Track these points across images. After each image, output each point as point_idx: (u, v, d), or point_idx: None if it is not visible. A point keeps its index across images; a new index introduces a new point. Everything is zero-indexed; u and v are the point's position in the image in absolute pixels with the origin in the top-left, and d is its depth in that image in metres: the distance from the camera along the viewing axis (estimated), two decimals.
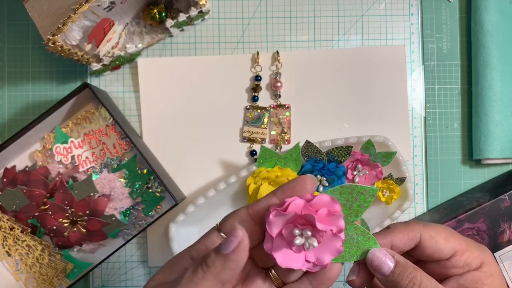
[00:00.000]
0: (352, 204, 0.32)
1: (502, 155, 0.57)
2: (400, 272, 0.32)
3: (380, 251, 0.33)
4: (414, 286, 0.32)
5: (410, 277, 0.32)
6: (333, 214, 0.31)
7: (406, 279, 0.32)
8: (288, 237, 0.30)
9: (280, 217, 0.30)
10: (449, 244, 0.34)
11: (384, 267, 0.33)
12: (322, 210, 0.30)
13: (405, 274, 0.32)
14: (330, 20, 0.60)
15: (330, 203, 0.31)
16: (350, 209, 0.32)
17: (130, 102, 0.59)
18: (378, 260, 0.33)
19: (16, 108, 0.59)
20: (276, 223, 0.30)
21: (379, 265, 0.33)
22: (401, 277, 0.32)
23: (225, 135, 0.59)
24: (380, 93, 0.60)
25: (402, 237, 0.34)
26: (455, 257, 0.34)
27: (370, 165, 0.56)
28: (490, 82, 0.57)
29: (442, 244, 0.34)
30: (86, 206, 0.55)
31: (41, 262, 0.56)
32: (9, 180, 0.56)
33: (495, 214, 0.54)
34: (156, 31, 0.59)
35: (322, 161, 0.55)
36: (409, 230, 0.34)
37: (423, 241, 0.34)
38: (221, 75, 0.59)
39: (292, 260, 0.31)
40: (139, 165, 0.58)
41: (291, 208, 0.30)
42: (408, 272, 0.32)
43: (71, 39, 0.50)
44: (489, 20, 0.57)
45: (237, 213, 0.32)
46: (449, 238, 0.34)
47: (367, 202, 0.32)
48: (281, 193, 0.31)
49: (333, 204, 0.31)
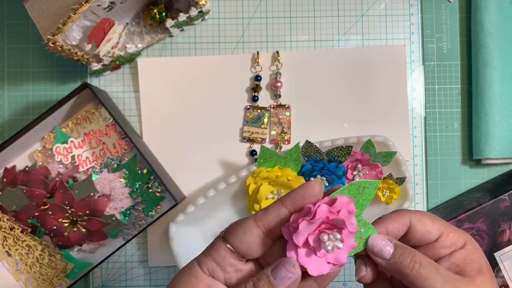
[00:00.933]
0: (359, 199, 0.34)
1: (502, 155, 0.57)
2: (400, 253, 0.34)
3: (378, 237, 0.34)
4: (415, 264, 0.33)
5: (410, 256, 0.34)
6: (350, 213, 0.32)
7: (407, 259, 0.34)
8: (315, 243, 0.31)
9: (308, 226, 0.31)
10: (436, 226, 0.36)
11: (385, 251, 0.34)
12: (342, 212, 0.31)
13: (405, 255, 0.34)
14: (330, 20, 0.60)
15: (348, 203, 0.32)
16: (357, 204, 0.34)
17: (130, 102, 0.59)
18: (378, 246, 0.34)
19: (16, 108, 0.59)
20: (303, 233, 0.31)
21: (379, 251, 0.34)
22: (403, 258, 0.34)
23: (225, 135, 0.59)
24: (380, 93, 0.60)
25: (394, 223, 0.36)
26: (441, 238, 0.36)
27: (370, 165, 0.56)
28: (490, 82, 0.57)
29: (430, 226, 0.36)
30: (86, 206, 0.55)
31: (41, 262, 0.56)
32: (9, 180, 0.56)
33: (495, 214, 0.54)
34: (156, 31, 0.59)
35: (322, 161, 0.55)
36: (399, 216, 0.36)
37: (413, 225, 0.36)
38: (221, 75, 0.59)
39: (321, 266, 0.31)
40: (139, 165, 0.58)
41: (318, 215, 0.31)
42: (408, 252, 0.34)
43: (71, 39, 0.50)
44: (489, 20, 0.57)
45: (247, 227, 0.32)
46: (435, 220, 0.36)
47: (371, 195, 0.33)
48: (290, 203, 0.32)
49: (350, 204, 0.32)
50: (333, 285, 0.60)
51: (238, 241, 0.31)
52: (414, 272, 0.33)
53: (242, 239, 0.31)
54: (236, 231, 0.32)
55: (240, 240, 0.31)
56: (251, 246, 0.31)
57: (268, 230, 0.32)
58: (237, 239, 0.31)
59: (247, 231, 0.31)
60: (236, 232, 0.32)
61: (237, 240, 0.31)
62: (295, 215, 0.31)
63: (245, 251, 0.32)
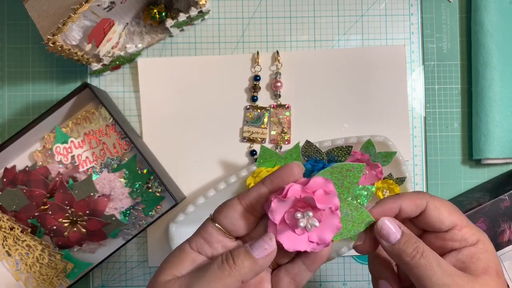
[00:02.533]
0: (343, 182, 0.35)
1: (502, 155, 0.57)
2: (406, 241, 0.35)
3: (389, 220, 0.35)
4: (417, 254, 0.34)
5: (414, 246, 0.34)
6: (328, 194, 0.33)
7: (411, 248, 0.34)
8: (291, 221, 0.33)
9: (280, 204, 0.32)
10: (451, 217, 0.36)
11: (391, 236, 0.35)
12: (318, 191, 0.33)
13: (410, 243, 0.34)
14: (330, 20, 0.60)
15: (324, 184, 0.33)
16: (341, 187, 0.35)
17: (130, 102, 0.59)
18: (387, 229, 0.35)
19: (16, 108, 0.59)
20: (278, 210, 0.32)
21: (387, 234, 0.35)
22: (407, 245, 0.34)
23: (225, 135, 0.59)
24: (380, 93, 0.60)
25: (410, 203, 0.36)
26: (453, 231, 0.36)
27: (370, 165, 0.56)
28: (490, 82, 0.57)
29: (444, 216, 0.36)
30: (86, 206, 0.55)
31: (41, 262, 0.56)
32: (9, 180, 0.56)
33: (495, 214, 0.54)
34: (156, 31, 0.59)
35: (322, 161, 0.55)
36: (417, 197, 0.36)
37: (427, 209, 0.36)
38: (221, 75, 0.59)
39: (298, 243, 0.33)
40: (139, 165, 0.58)
41: (290, 194, 0.32)
42: (413, 241, 0.35)
43: (71, 39, 0.50)
44: (489, 20, 0.57)
45: (230, 205, 0.34)
46: (452, 212, 0.36)
47: (356, 178, 0.35)
48: (269, 182, 0.34)
49: (327, 184, 0.33)
50: (333, 285, 0.60)
51: (223, 217, 0.34)
52: (414, 261, 0.34)
53: (226, 215, 0.34)
54: (221, 208, 0.34)
55: (225, 216, 0.34)
56: (234, 221, 0.34)
57: (250, 207, 0.34)
58: (222, 216, 0.34)
59: (231, 208, 0.34)
60: (221, 209, 0.34)
61: (222, 216, 0.34)
62: (272, 194, 0.33)
63: (229, 227, 0.34)
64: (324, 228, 0.33)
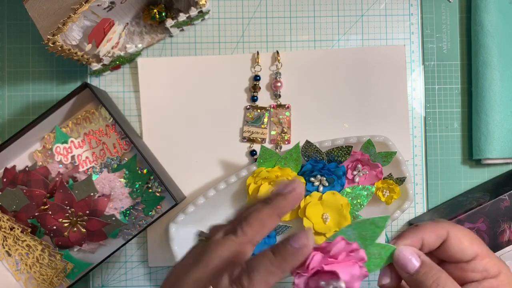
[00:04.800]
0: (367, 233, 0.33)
1: (502, 155, 0.57)
2: (425, 272, 0.33)
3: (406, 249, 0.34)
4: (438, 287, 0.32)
5: (434, 277, 0.33)
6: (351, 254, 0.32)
7: (430, 279, 0.33)
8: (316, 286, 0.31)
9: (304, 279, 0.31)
10: (473, 247, 0.34)
11: (409, 265, 0.33)
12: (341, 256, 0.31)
13: (429, 275, 0.33)
14: (330, 20, 0.60)
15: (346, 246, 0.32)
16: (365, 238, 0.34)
17: (130, 102, 0.59)
18: (404, 258, 0.33)
19: (16, 108, 0.59)
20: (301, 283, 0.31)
21: (404, 263, 0.33)
22: (426, 277, 0.33)
23: (225, 135, 0.59)
24: (380, 93, 0.60)
25: (431, 234, 0.35)
26: (475, 261, 0.34)
27: (370, 165, 0.56)
28: (490, 82, 0.57)
29: (466, 246, 0.34)
30: (86, 206, 0.55)
31: (41, 262, 0.56)
32: (9, 180, 0.56)
33: (495, 214, 0.54)
34: (156, 31, 0.59)
35: (322, 161, 0.55)
36: (438, 227, 0.35)
37: (449, 239, 0.35)
38: (221, 75, 0.59)
39: None
40: (139, 165, 0.58)
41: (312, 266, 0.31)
42: (433, 273, 0.33)
43: (71, 39, 0.50)
44: (489, 20, 0.57)
45: None
46: (474, 241, 0.35)
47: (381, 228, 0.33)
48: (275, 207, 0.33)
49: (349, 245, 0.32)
50: None
51: None
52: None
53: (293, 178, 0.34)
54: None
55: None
56: None
57: None
58: None
59: None
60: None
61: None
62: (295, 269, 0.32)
63: None
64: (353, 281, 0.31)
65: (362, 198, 0.55)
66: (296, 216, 0.55)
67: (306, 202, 0.54)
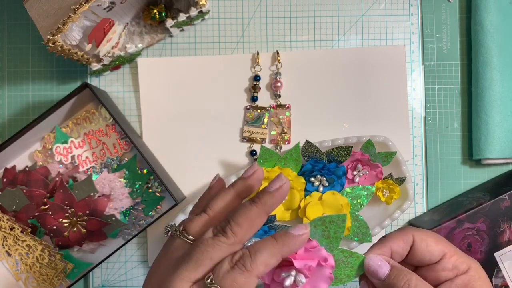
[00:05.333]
0: (329, 233, 0.36)
1: (502, 155, 0.57)
2: (396, 275, 0.34)
3: (375, 257, 0.35)
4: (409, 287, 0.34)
5: (405, 279, 0.34)
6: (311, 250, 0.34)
7: (401, 281, 0.34)
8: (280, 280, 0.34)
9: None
10: (439, 247, 0.36)
11: (380, 271, 0.35)
12: (300, 250, 0.34)
13: (400, 277, 0.34)
14: (330, 20, 0.60)
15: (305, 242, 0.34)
16: (329, 238, 0.36)
17: (130, 102, 0.59)
18: (374, 265, 0.35)
19: (16, 108, 0.59)
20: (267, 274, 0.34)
21: (375, 270, 0.35)
22: (397, 279, 0.34)
23: (225, 135, 0.59)
24: (380, 93, 0.60)
25: (398, 242, 0.36)
26: (444, 260, 0.35)
27: (370, 165, 0.56)
28: (490, 82, 0.57)
29: (432, 246, 0.36)
30: (86, 206, 0.55)
31: (41, 262, 0.56)
32: (9, 180, 0.56)
33: (495, 214, 0.54)
34: (156, 31, 0.59)
35: (322, 161, 0.55)
36: (403, 234, 0.36)
37: (415, 243, 0.36)
38: (221, 75, 0.59)
39: None
40: (139, 165, 0.58)
41: None
42: (403, 274, 0.34)
43: (71, 39, 0.50)
44: (489, 20, 0.57)
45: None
46: (439, 242, 0.36)
47: (341, 228, 0.35)
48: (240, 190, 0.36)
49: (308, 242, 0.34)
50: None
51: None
52: None
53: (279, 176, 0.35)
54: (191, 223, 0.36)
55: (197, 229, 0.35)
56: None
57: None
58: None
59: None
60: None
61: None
62: None
63: None
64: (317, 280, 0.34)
65: (362, 198, 0.55)
66: (296, 216, 0.55)
67: (306, 202, 0.54)
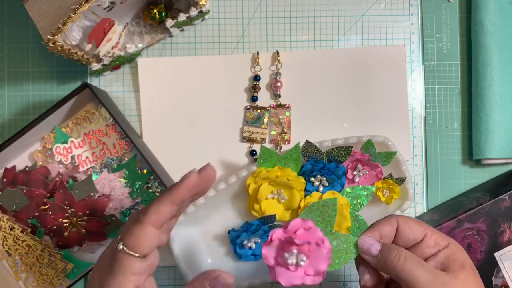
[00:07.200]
0: (324, 217, 0.39)
1: (502, 155, 0.57)
2: (387, 249, 0.38)
3: (367, 237, 0.39)
4: (400, 257, 0.37)
5: (395, 251, 0.38)
6: (309, 230, 0.37)
7: (392, 254, 0.38)
8: (282, 261, 0.36)
9: (270, 248, 0.37)
10: (421, 228, 0.40)
11: (372, 249, 0.39)
12: (299, 231, 0.37)
13: (391, 250, 0.38)
14: (330, 20, 0.60)
15: (302, 223, 0.37)
16: (324, 222, 0.39)
17: (130, 102, 0.59)
18: (367, 244, 0.39)
19: (16, 108, 0.59)
20: (269, 255, 0.37)
21: (368, 248, 0.39)
22: (388, 253, 0.38)
23: (225, 135, 0.59)
24: (380, 93, 0.60)
25: (385, 226, 0.40)
26: (426, 238, 0.39)
27: (370, 165, 0.56)
28: (490, 82, 0.57)
29: (415, 228, 0.40)
30: (86, 206, 0.55)
31: (41, 262, 0.56)
32: (9, 180, 0.56)
33: (495, 214, 0.54)
34: (156, 31, 0.59)
35: (322, 161, 0.55)
36: (388, 219, 0.40)
37: (400, 226, 0.40)
38: (221, 75, 0.59)
39: (294, 278, 0.36)
40: (139, 165, 0.58)
41: (274, 237, 0.37)
42: (393, 248, 0.38)
43: (71, 39, 0.50)
44: (489, 20, 0.57)
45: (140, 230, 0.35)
46: (420, 223, 0.40)
47: (334, 211, 0.39)
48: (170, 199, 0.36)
49: (304, 222, 0.37)
50: (333, 285, 0.60)
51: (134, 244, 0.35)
52: (400, 265, 0.37)
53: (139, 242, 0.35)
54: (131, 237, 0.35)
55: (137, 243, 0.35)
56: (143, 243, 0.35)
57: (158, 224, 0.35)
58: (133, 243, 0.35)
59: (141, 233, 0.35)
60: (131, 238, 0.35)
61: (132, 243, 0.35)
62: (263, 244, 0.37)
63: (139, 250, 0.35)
64: (316, 260, 0.36)
65: (362, 198, 0.55)
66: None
67: (306, 202, 0.54)
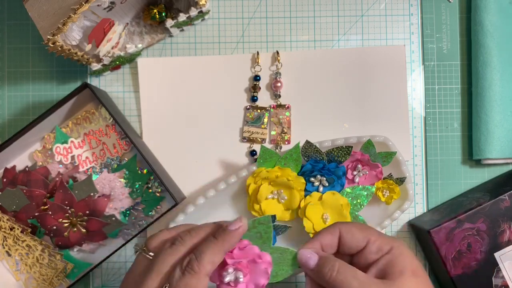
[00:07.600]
0: (261, 234, 0.41)
1: (502, 155, 0.57)
2: (322, 263, 0.39)
3: (305, 250, 0.40)
4: (333, 272, 0.38)
5: (329, 265, 0.38)
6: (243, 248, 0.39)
7: (326, 267, 0.38)
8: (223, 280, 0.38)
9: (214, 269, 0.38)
10: (363, 234, 0.40)
11: (310, 261, 0.39)
12: (235, 250, 0.39)
13: (325, 264, 0.38)
14: (330, 20, 0.60)
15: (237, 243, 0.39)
16: (261, 238, 0.41)
17: (130, 102, 0.59)
18: (305, 257, 0.40)
19: (16, 108, 0.59)
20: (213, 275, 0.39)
21: (305, 261, 0.40)
22: (323, 266, 0.39)
23: (225, 135, 0.59)
24: (380, 93, 0.60)
25: (326, 236, 0.40)
26: (369, 245, 0.39)
27: (370, 165, 0.56)
28: (490, 82, 0.57)
29: (356, 235, 0.40)
30: (86, 206, 0.55)
31: (41, 262, 0.56)
32: (9, 180, 0.56)
33: (495, 214, 0.54)
34: (156, 31, 0.59)
35: (322, 161, 0.55)
36: (330, 228, 0.41)
37: (342, 235, 0.40)
38: (221, 75, 0.59)
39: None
40: (139, 165, 0.58)
41: None
42: (328, 261, 0.39)
43: (71, 39, 0.50)
44: (489, 20, 0.57)
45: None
46: (363, 229, 0.40)
47: (269, 228, 0.41)
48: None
49: (239, 242, 0.40)
50: None
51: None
52: (333, 278, 0.38)
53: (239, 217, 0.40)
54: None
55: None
56: None
57: None
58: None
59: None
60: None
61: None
62: None
63: None
64: (256, 275, 0.39)
65: (362, 198, 0.55)
66: (296, 216, 0.55)
67: (306, 202, 0.54)
